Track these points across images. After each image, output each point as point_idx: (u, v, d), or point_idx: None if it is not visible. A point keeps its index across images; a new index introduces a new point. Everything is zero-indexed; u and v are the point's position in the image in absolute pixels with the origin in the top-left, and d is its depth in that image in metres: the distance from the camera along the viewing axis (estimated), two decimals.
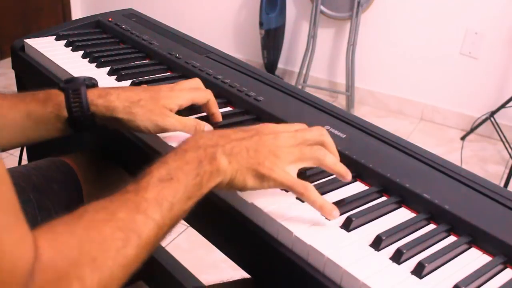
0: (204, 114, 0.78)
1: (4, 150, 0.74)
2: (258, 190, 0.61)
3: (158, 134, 0.72)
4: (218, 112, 0.76)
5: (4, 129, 0.70)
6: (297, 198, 0.62)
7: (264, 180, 0.57)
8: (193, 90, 0.75)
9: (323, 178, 0.67)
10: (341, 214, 0.60)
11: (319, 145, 0.61)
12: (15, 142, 0.73)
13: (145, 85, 0.75)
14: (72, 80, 0.73)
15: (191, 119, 0.72)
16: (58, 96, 0.70)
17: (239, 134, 0.59)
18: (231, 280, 0.72)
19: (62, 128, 0.72)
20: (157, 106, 0.69)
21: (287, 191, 0.63)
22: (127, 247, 0.47)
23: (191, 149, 0.55)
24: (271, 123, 0.63)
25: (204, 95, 0.75)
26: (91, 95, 0.70)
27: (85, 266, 0.43)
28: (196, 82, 0.78)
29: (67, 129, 0.72)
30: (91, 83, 0.74)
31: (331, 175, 0.68)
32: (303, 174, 0.65)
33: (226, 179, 0.56)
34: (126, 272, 0.47)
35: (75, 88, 0.70)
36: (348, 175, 0.62)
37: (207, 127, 0.72)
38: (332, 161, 0.60)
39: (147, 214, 0.49)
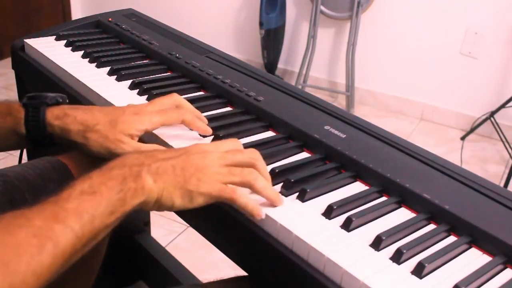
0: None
1: None
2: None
3: (156, 133, 0.72)
4: (201, 126, 0.72)
5: None
6: (297, 198, 0.62)
7: (192, 197, 0.57)
8: (162, 113, 0.71)
9: (322, 178, 0.67)
10: (341, 214, 0.60)
11: (250, 168, 0.60)
12: None
13: (113, 107, 0.73)
14: (35, 97, 0.72)
15: (150, 146, 0.69)
16: (18, 112, 0.71)
17: (167, 154, 0.58)
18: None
19: (19, 142, 0.72)
20: (113, 132, 0.68)
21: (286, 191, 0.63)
22: (42, 254, 0.45)
23: (116, 167, 0.55)
24: (205, 143, 0.62)
25: (176, 117, 0.71)
26: (50, 115, 0.70)
27: None
28: (172, 100, 0.74)
29: (25, 144, 0.72)
30: (55, 101, 0.72)
31: (330, 175, 0.68)
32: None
33: (152, 198, 0.55)
34: (39, 280, 0.45)
35: (35, 106, 0.70)
36: (279, 201, 0.60)
37: None
38: (263, 185, 0.59)
39: (65, 223, 0.48)
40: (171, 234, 1.72)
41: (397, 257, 0.54)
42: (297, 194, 0.63)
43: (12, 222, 0.46)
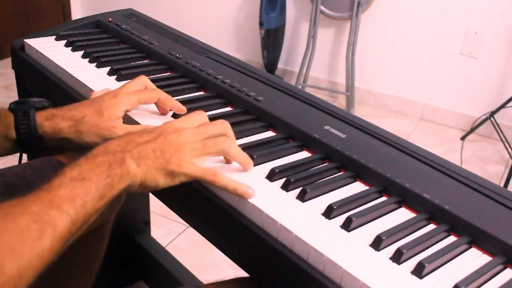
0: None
1: None
2: (259, 191, 0.61)
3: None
4: (176, 104, 0.77)
5: None
6: (296, 198, 0.62)
7: (174, 176, 0.60)
8: (139, 92, 0.76)
9: (322, 178, 0.67)
10: (341, 214, 0.60)
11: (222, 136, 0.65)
12: None
13: (90, 100, 0.76)
14: (22, 102, 0.75)
15: (138, 127, 0.73)
16: (8, 117, 0.73)
17: (144, 137, 0.61)
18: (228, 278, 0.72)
19: (10, 148, 0.75)
20: (102, 120, 0.71)
21: (286, 191, 0.63)
22: (43, 238, 0.48)
23: (101, 154, 0.57)
24: (176, 119, 0.65)
25: (151, 96, 0.76)
26: (39, 118, 0.72)
27: (3, 254, 0.45)
28: (141, 81, 0.78)
29: (16, 149, 0.75)
30: (42, 105, 0.75)
31: (330, 175, 0.68)
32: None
33: (136, 181, 0.58)
34: (42, 262, 0.48)
35: (24, 110, 0.72)
36: (250, 165, 0.66)
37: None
38: (236, 151, 0.64)
39: (61, 209, 0.51)
40: (171, 234, 1.72)
41: (397, 257, 0.54)
42: (297, 194, 0.63)
43: (11, 210, 0.49)
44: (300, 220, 0.58)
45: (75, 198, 0.52)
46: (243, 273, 0.66)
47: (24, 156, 1.07)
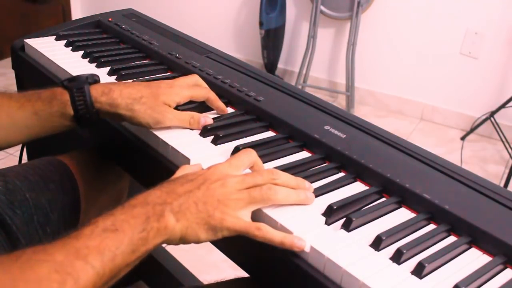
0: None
1: (9, 146, 0.75)
2: None
3: (157, 134, 0.73)
4: (221, 106, 0.80)
5: (12, 128, 0.73)
6: None
7: (217, 230, 0.56)
8: (192, 88, 0.78)
9: (323, 179, 0.67)
10: (342, 216, 0.60)
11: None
12: (21, 139, 0.76)
13: (145, 82, 0.77)
14: (75, 78, 0.75)
15: (186, 113, 0.75)
16: (63, 95, 0.72)
17: (186, 186, 0.57)
18: (228, 279, 0.72)
19: (67, 125, 0.74)
20: (157, 103, 0.73)
21: None
22: None
23: (139, 205, 0.54)
24: (221, 163, 0.61)
25: (202, 93, 0.79)
26: (95, 93, 0.72)
27: None
28: (195, 79, 0.81)
29: (73, 125, 0.74)
30: (93, 80, 0.76)
31: (330, 175, 0.68)
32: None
33: (175, 236, 0.55)
34: None
35: (79, 87, 0.72)
36: (309, 201, 0.61)
37: (203, 119, 0.75)
38: (284, 195, 0.59)
39: (87, 260, 0.48)
40: None
41: (397, 257, 0.54)
42: None
43: (33, 257, 0.46)
44: (300, 220, 0.58)
45: (104, 251, 0.49)
46: (243, 273, 0.66)
47: (24, 156, 1.07)
